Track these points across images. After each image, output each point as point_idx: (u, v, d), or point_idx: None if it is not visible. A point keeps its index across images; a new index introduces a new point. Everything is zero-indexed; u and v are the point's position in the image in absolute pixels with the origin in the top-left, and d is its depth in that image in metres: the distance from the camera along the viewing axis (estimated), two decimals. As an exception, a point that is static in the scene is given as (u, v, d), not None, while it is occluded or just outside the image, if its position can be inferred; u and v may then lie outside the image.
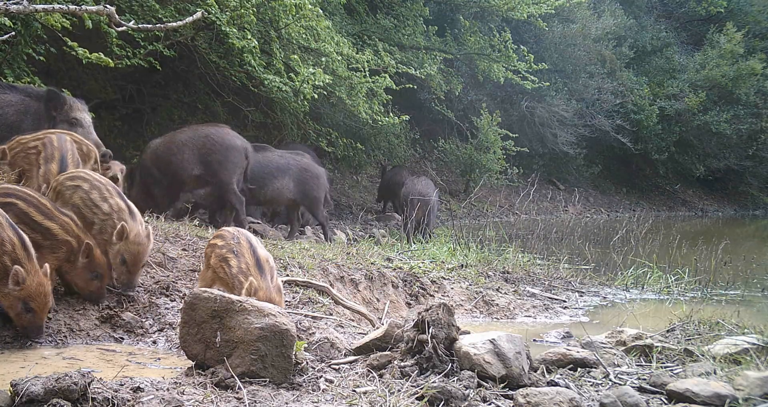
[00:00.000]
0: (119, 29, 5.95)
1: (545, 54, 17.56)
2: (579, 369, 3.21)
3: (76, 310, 3.76)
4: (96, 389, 2.48)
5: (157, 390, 2.63)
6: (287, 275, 4.78)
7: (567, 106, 18.53)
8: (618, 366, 3.30)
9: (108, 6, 5.32)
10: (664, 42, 23.10)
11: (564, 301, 6.27)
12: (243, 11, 8.05)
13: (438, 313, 3.02)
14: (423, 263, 6.81)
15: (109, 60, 6.93)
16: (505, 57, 13.23)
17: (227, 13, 8.05)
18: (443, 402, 2.64)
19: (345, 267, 5.58)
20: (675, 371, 3.21)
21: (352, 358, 3.25)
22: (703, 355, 3.40)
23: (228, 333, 2.90)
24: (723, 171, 23.18)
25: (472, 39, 13.74)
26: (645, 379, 3.06)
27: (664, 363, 3.41)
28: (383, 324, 3.56)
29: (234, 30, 8.07)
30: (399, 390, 2.75)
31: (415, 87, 12.18)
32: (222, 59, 9.17)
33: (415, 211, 9.27)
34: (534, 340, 4.68)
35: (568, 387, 2.87)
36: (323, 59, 9.18)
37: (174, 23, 6.36)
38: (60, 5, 5.68)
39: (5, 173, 4.71)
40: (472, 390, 2.74)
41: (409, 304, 5.71)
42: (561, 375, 3.10)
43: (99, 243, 3.97)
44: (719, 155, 22.29)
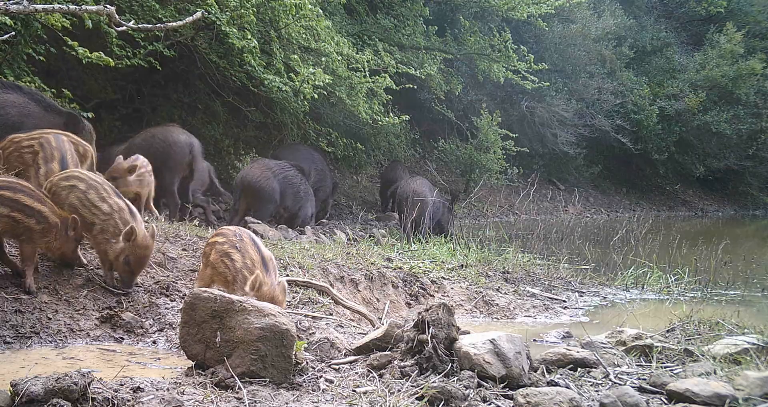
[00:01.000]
0: (119, 29, 5.94)
1: (545, 54, 17.56)
2: (579, 369, 3.21)
3: (76, 310, 3.76)
4: (96, 389, 2.48)
5: (157, 390, 2.63)
6: (287, 275, 4.77)
7: (567, 106, 18.51)
8: (618, 366, 3.30)
9: (108, 6, 5.31)
10: (664, 42, 23.07)
11: (564, 301, 6.27)
12: (243, 11, 8.05)
13: (438, 313, 3.03)
14: (423, 263, 6.81)
15: (110, 60, 6.93)
16: (505, 57, 13.22)
17: (227, 13, 8.05)
18: (443, 402, 2.64)
19: (345, 267, 5.57)
20: (675, 371, 3.21)
21: (352, 358, 3.25)
22: (703, 355, 3.40)
23: (228, 333, 2.90)
24: (723, 171, 23.13)
25: (472, 39, 13.73)
26: (645, 379, 3.06)
27: (664, 363, 3.41)
28: (383, 325, 3.56)
29: (234, 30, 8.07)
30: (399, 390, 2.75)
31: (415, 87, 12.17)
32: (222, 59, 9.17)
33: (415, 211, 9.23)
34: (534, 340, 4.68)
35: (568, 387, 2.87)
36: (323, 59, 9.17)
37: (174, 23, 6.35)
38: (60, 5, 5.68)
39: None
40: (472, 390, 2.74)
41: (409, 304, 5.71)
42: (561, 375, 3.10)
43: (99, 242, 3.97)
44: (719, 155, 22.25)
